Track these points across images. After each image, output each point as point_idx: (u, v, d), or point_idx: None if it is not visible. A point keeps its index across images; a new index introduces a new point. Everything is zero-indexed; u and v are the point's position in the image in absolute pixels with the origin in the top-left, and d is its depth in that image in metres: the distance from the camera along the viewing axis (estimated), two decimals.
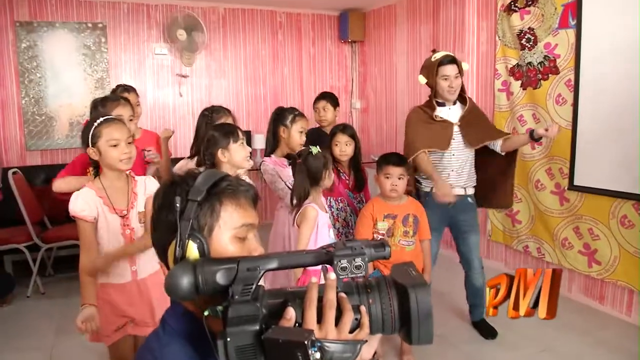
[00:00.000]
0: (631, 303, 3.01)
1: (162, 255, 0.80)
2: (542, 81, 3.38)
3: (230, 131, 1.97)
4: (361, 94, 5.60)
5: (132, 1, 4.63)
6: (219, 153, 1.94)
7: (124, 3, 4.61)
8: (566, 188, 3.26)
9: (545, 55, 3.34)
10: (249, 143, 4.93)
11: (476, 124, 2.67)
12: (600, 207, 3.06)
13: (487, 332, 2.82)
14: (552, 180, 3.37)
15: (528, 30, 3.44)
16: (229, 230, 0.79)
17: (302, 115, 2.56)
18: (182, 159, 2.64)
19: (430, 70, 2.59)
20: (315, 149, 2.09)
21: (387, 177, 2.36)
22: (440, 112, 2.66)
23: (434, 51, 2.68)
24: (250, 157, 2.02)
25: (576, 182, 3.19)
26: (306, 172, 2.07)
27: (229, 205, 0.80)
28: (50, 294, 3.50)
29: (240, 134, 1.99)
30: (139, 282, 1.77)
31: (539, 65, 3.39)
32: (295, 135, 2.51)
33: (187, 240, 0.75)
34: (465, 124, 2.65)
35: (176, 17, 4.63)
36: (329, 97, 3.33)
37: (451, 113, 2.67)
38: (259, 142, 4.92)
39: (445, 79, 2.57)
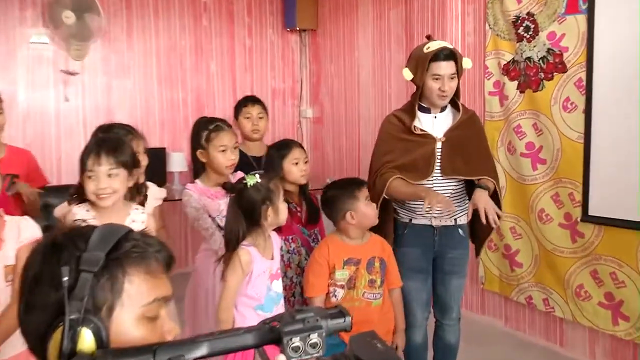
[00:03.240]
0: None
1: (38, 347, 0.77)
2: (545, 81, 3.39)
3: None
4: (313, 98, 5.62)
5: None
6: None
7: None
8: (579, 219, 3.25)
9: (548, 49, 3.35)
10: (162, 164, 4.87)
11: (466, 145, 2.66)
12: (624, 243, 3.03)
13: None
14: (561, 210, 3.35)
15: (527, 17, 3.46)
16: (136, 307, 0.81)
17: (220, 128, 2.59)
18: (65, 187, 2.62)
19: (420, 64, 2.57)
20: (252, 179, 2.12)
21: (367, 202, 2.41)
22: (422, 122, 2.67)
23: (428, 38, 2.66)
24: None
25: (591, 212, 3.18)
26: (240, 209, 2.11)
27: (135, 274, 0.81)
28: None
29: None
30: None
31: (540, 61, 3.40)
32: (216, 156, 2.54)
33: (79, 328, 0.74)
34: (452, 141, 2.63)
35: None
36: (262, 103, 3.37)
37: (436, 123, 2.67)
38: (177, 163, 4.96)
39: (437, 79, 2.56)
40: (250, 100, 3.38)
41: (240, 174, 2.57)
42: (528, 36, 3.44)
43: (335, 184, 2.62)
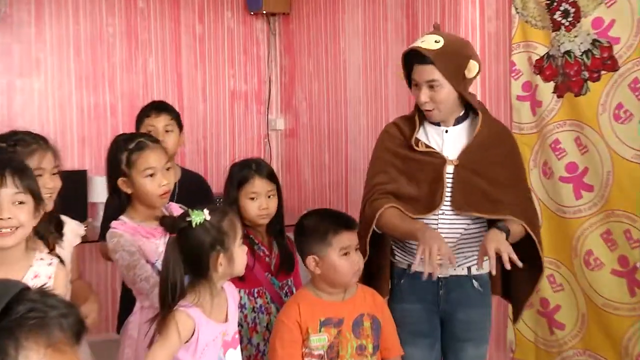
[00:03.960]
0: None
1: None
2: (589, 83, 3.39)
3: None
4: (285, 104, 5.64)
5: None
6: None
7: None
8: (638, 265, 3.23)
9: (594, 40, 3.36)
10: (82, 192, 4.83)
11: (489, 171, 2.71)
12: None
13: None
14: (614, 252, 3.34)
15: None
16: None
17: (143, 145, 2.60)
18: None
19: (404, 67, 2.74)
20: (198, 215, 2.13)
21: (345, 254, 2.42)
22: (428, 136, 2.73)
23: (436, 28, 2.76)
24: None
25: None
26: (181, 255, 2.13)
27: (32, 348, 0.82)
28: None
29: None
30: None
31: (584, 56, 3.41)
32: (143, 183, 2.56)
33: None
34: (468, 165, 2.68)
35: None
36: (174, 111, 3.44)
37: (448, 140, 2.72)
38: (103, 191, 4.74)
39: (417, 89, 2.67)
40: (154, 107, 3.40)
41: (175, 207, 2.57)
42: (567, 23, 3.45)
43: (314, 213, 2.66)
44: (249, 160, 2.87)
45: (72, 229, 2.56)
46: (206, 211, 2.14)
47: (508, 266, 2.38)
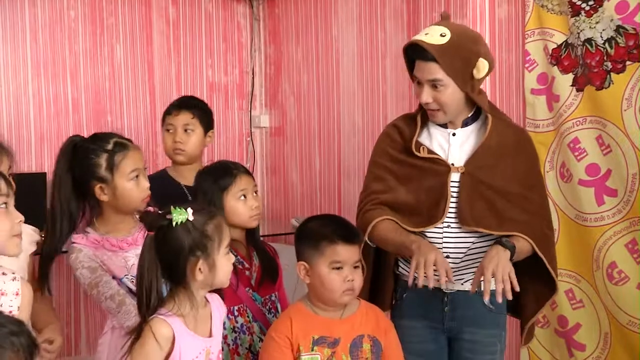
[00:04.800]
0: None
1: None
2: (613, 74, 3.41)
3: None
4: (270, 99, 5.63)
5: None
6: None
7: None
8: None
9: (618, 26, 3.38)
10: (41, 197, 4.79)
11: (500, 181, 2.73)
12: None
13: None
14: None
15: None
16: None
17: (125, 145, 2.64)
18: None
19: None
20: (180, 214, 2.13)
21: (337, 267, 2.42)
22: (432, 139, 2.76)
23: (444, 18, 2.76)
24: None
25: None
26: (157, 256, 2.14)
27: None
28: None
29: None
30: None
31: (606, 45, 3.42)
32: (129, 188, 2.59)
33: None
34: (477, 174, 2.69)
35: None
36: (198, 108, 3.54)
37: (455, 143, 2.75)
38: None
39: (419, 86, 2.69)
40: (176, 105, 3.52)
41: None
42: (588, 8, 3.47)
43: (320, 217, 2.71)
44: (220, 163, 2.94)
45: (28, 235, 2.52)
46: (190, 210, 2.14)
47: (501, 298, 2.43)
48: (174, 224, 2.12)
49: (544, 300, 2.84)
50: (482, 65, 2.61)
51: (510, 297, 2.42)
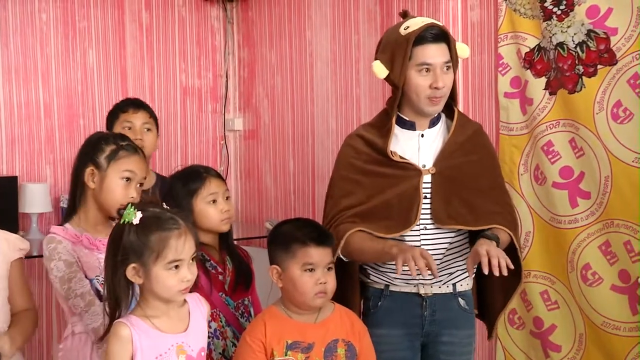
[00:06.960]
0: None
1: None
2: (585, 78, 3.42)
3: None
4: (244, 102, 5.64)
5: None
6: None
7: None
8: None
9: (589, 30, 3.39)
10: (12, 202, 4.77)
11: (468, 177, 2.75)
12: None
13: None
14: (614, 266, 3.39)
15: None
16: None
17: (134, 150, 2.66)
18: None
19: (399, 52, 2.62)
20: (128, 215, 2.15)
21: (309, 270, 2.42)
22: (402, 145, 2.74)
23: (404, 15, 2.74)
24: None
25: None
26: (114, 257, 2.16)
27: None
28: None
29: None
30: None
31: (578, 49, 3.43)
32: (116, 184, 2.58)
33: None
34: (447, 172, 2.71)
35: None
36: (151, 110, 3.56)
37: (424, 145, 2.74)
38: (37, 200, 4.86)
39: (426, 72, 2.60)
40: (132, 103, 3.51)
41: None
42: (559, 12, 3.47)
43: (293, 221, 2.71)
44: (191, 167, 2.93)
45: (7, 241, 2.57)
46: (139, 214, 2.13)
47: (497, 272, 2.39)
48: (121, 220, 2.14)
49: (512, 291, 2.85)
50: (461, 48, 2.67)
51: (505, 272, 2.39)
